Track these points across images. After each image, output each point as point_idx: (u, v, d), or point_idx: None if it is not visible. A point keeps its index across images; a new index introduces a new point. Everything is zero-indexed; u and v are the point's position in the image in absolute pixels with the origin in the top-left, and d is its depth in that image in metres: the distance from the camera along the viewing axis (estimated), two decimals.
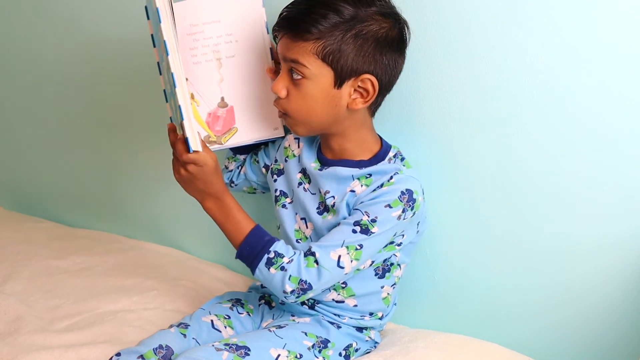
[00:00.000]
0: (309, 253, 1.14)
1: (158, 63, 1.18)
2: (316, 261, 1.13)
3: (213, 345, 1.09)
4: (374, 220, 1.13)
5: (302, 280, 1.13)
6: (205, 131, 1.23)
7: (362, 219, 1.14)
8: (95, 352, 1.21)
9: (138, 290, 1.44)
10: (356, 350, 1.22)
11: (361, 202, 1.16)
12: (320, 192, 1.21)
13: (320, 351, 1.17)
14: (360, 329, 1.24)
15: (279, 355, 1.12)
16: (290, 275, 1.13)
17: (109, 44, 1.67)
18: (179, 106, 1.08)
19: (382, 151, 1.21)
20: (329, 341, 1.19)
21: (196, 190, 1.18)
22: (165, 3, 1.09)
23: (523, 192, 1.22)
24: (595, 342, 1.21)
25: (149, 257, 1.62)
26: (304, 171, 1.25)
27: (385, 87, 1.16)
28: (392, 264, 1.22)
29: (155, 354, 1.13)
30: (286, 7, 1.14)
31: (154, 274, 1.52)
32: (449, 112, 1.24)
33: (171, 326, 1.21)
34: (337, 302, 1.22)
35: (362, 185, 1.17)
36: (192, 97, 1.20)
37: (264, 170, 1.32)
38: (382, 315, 1.25)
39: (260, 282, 1.34)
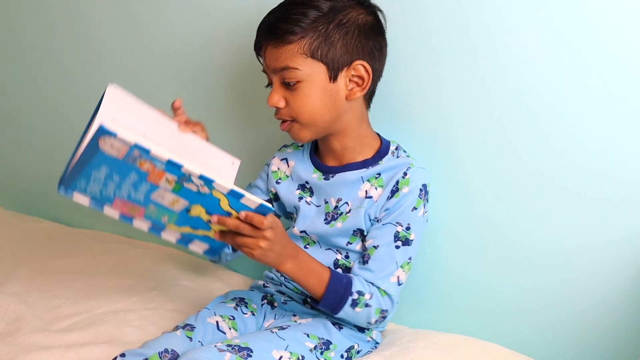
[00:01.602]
0: (375, 287, 1.17)
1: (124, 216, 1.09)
2: (384, 291, 1.17)
3: (215, 346, 1.09)
4: (408, 228, 1.17)
5: (383, 310, 1.17)
6: None
7: (398, 232, 1.17)
8: (95, 352, 1.21)
9: (138, 290, 1.44)
10: (358, 352, 1.22)
11: (386, 210, 1.17)
12: (326, 202, 1.22)
13: (322, 353, 1.17)
14: (362, 329, 1.24)
15: (281, 357, 1.11)
16: (374, 310, 1.16)
17: (111, 46, 1.68)
18: (231, 189, 1.03)
19: (383, 146, 1.22)
20: (330, 342, 1.19)
21: (275, 255, 1.11)
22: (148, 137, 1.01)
23: (523, 192, 1.22)
24: (595, 342, 1.21)
25: (149, 257, 1.61)
26: (302, 187, 1.25)
27: (376, 73, 1.18)
28: None
29: (161, 357, 1.12)
30: (262, 20, 1.16)
31: (154, 274, 1.52)
32: (449, 112, 1.24)
33: (177, 328, 1.20)
34: None
35: (375, 188, 1.18)
36: None
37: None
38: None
39: (262, 282, 1.33)
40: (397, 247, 1.17)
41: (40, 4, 1.78)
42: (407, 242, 1.17)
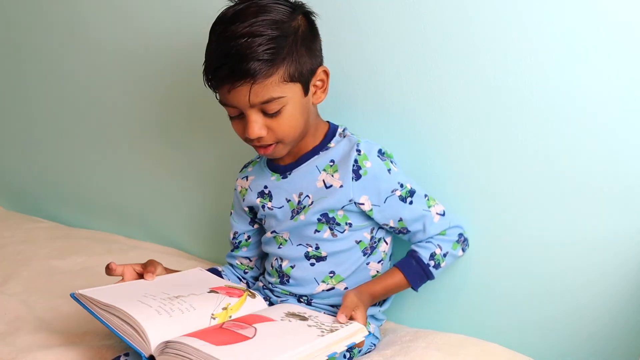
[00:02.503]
0: (436, 235, 1.23)
1: None
2: (443, 233, 1.23)
3: None
4: (402, 185, 1.20)
5: (458, 241, 1.24)
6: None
7: (400, 195, 1.20)
8: (95, 352, 1.21)
9: None
10: (359, 351, 1.22)
11: (367, 190, 1.19)
12: (288, 200, 1.24)
13: None
14: None
15: None
16: (452, 249, 1.23)
17: (110, 48, 1.68)
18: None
19: (331, 130, 1.25)
20: None
21: (366, 314, 1.15)
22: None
23: (524, 192, 1.21)
24: (596, 341, 1.21)
25: (148, 257, 1.61)
26: (261, 193, 1.27)
27: None
28: (379, 239, 1.25)
29: None
30: (219, 64, 1.11)
31: None
32: (449, 110, 1.24)
33: None
34: (328, 291, 1.23)
35: (332, 175, 1.20)
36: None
37: (257, 225, 1.35)
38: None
39: (263, 284, 1.33)
40: (411, 202, 1.21)
41: (37, 9, 1.78)
42: (411, 193, 1.21)
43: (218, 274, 1.37)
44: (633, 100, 1.10)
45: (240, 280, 1.39)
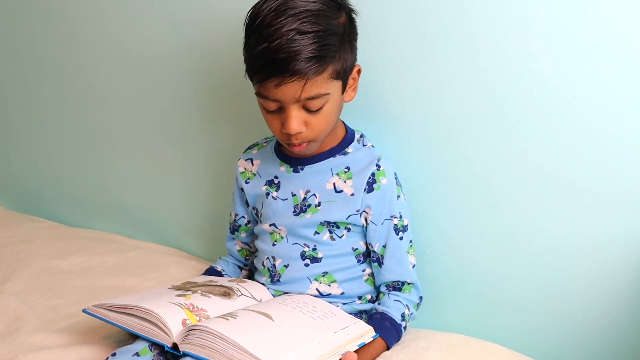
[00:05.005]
0: (400, 285, 1.23)
1: None
2: (409, 283, 1.23)
3: None
4: (401, 216, 1.21)
5: (418, 303, 1.25)
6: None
7: (396, 224, 1.21)
8: (95, 352, 1.21)
9: (138, 290, 1.43)
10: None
11: (368, 206, 1.19)
12: (293, 194, 1.23)
13: None
14: (358, 316, 1.24)
15: None
16: (414, 310, 1.24)
17: (107, 46, 1.68)
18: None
19: (349, 134, 1.24)
20: None
21: None
22: None
23: (523, 192, 1.22)
24: (596, 341, 1.21)
25: (149, 257, 1.61)
26: (270, 182, 1.26)
27: None
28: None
29: (151, 350, 1.12)
30: (273, 53, 1.06)
31: (154, 274, 1.51)
32: (449, 110, 1.24)
33: None
34: (323, 295, 1.23)
35: (344, 181, 1.20)
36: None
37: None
38: (372, 297, 1.26)
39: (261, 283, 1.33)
40: (401, 238, 1.21)
41: (39, 9, 1.78)
42: (404, 229, 1.22)
43: (218, 274, 1.37)
44: (633, 102, 1.10)
45: (241, 270, 1.40)
